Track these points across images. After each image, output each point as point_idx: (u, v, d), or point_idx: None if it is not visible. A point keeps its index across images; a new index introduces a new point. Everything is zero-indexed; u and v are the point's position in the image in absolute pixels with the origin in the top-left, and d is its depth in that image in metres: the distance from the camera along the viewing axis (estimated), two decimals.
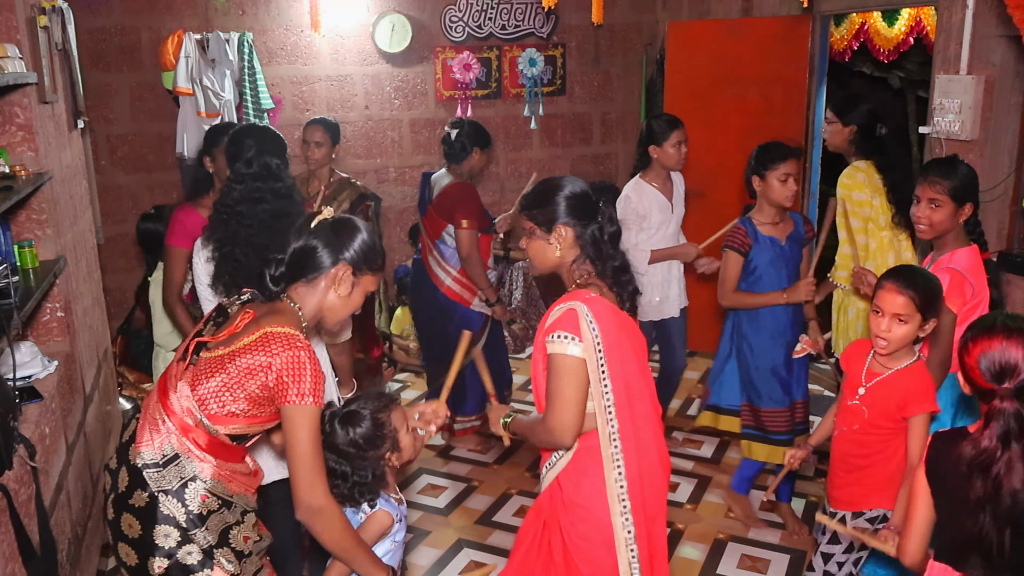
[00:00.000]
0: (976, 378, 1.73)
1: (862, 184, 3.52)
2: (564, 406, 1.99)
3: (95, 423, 3.49)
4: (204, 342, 1.90)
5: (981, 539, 1.72)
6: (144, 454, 1.84)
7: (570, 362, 1.97)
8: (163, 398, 1.87)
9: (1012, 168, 3.71)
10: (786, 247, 3.28)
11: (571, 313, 1.98)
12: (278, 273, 1.94)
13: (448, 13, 5.78)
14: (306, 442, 1.81)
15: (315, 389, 1.80)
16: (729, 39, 5.08)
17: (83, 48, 4.80)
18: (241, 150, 2.58)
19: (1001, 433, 1.68)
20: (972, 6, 3.65)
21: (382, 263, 2.05)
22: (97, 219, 4.76)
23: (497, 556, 3.34)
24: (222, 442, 1.87)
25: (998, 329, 1.73)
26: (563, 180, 2.11)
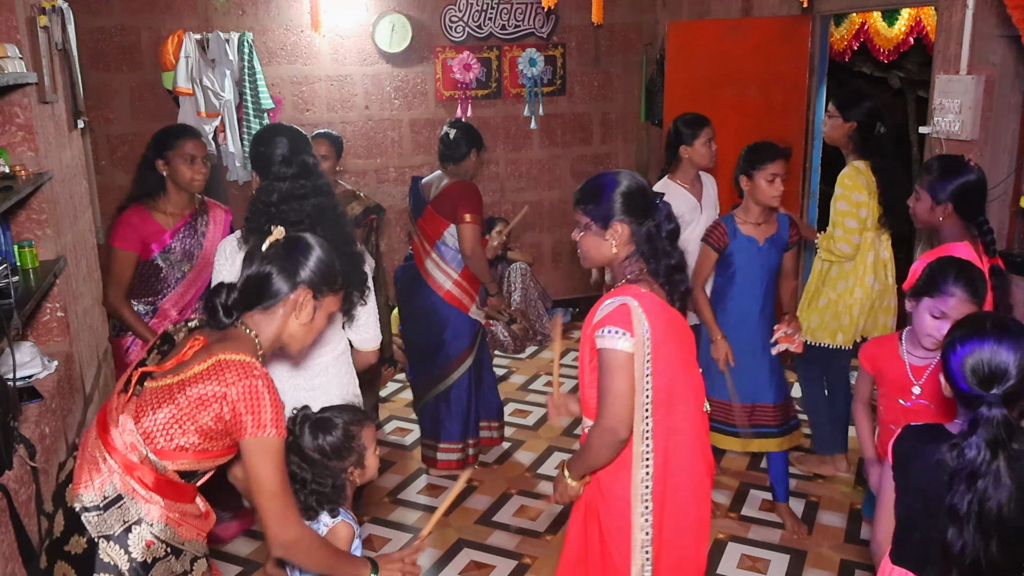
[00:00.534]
0: (960, 381, 1.65)
1: (862, 186, 3.54)
2: (618, 401, 1.97)
3: None
4: (149, 372, 1.75)
5: (963, 551, 1.62)
6: (83, 496, 1.69)
7: (621, 357, 1.95)
8: (103, 434, 1.72)
9: (1012, 168, 3.71)
10: (763, 248, 3.29)
11: (623, 308, 1.96)
12: (231, 302, 1.81)
13: (448, 13, 5.78)
14: (272, 477, 1.70)
15: (275, 419, 1.69)
16: (729, 39, 5.08)
17: (83, 48, 4.80)
18: (273, 149, 2.52)
19: (989, 442, 1.59)
20: (972, 6, 3.65)
21: (342, 281, 1.94)
22: (97, 219, 4.76)
23: (497, 556, 3.34)
24: (170, 480, 1.73)
25: (988, 330, 1.64)
26: (620, 175, 2.06)
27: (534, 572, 3.25)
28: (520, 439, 4.39)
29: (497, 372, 5.30)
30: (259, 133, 2.66)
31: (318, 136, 3.93)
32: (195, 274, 3.18)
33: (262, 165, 2.54)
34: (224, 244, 2.57)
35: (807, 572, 3.22)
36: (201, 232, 3.20)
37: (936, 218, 2.73)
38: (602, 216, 2.02)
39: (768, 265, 3.31)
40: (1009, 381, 1.60)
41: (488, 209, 6.16)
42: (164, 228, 3.10)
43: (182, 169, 3.05)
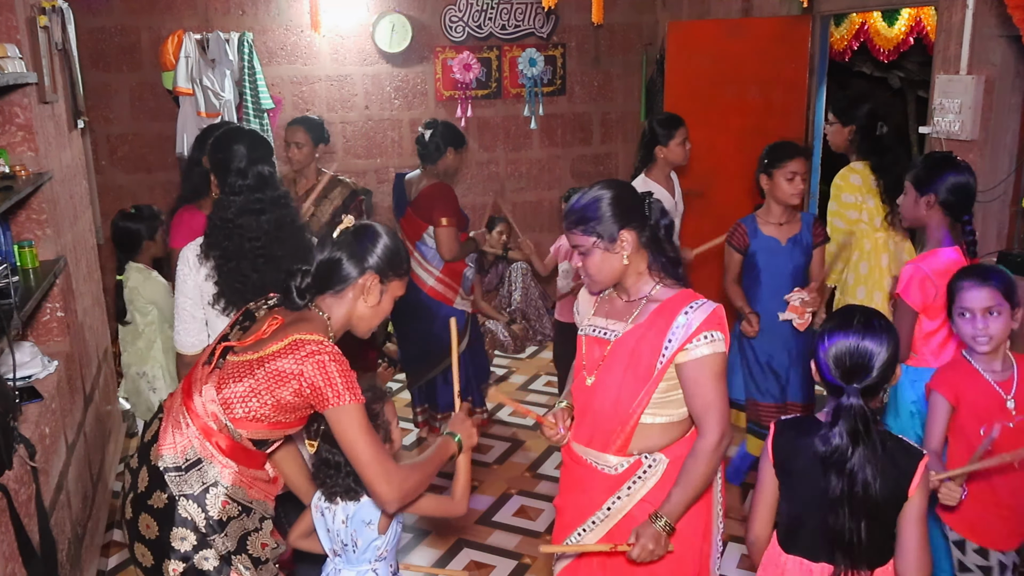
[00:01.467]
0: (826, 372, 1.77)
1: (854, 186, 3.56)
2: (727, 407, 1.94)
3: (95, 423, 3.49)
4: (230, 346, 1.88)
5: (841, 533, 1.75)
6: (166, 457, 1.84)
7: (724, 361, 1.93)
8: (187, 400, 1.87)
9: (1012, 168, 3.70)
10: (785, 248, 3.27)
11: (719, 310, 1.92)
12: (304, 285, 1.93)
13: (448, 13, 5.78)
14: (361, 440, 1.81)
15: (349, 386, 1.79)
16: (729, 39, 5.08)
17: (83, 48, 4.80)
18: (231, 158, 2.47)
19: (850, 431, 1.72)
20: (972, 6, 3.65)
21: (408, 266, 2.04)
22: (97, 219, 4.77)
23: (497, 556, 3.34)
24: (244, 447, 1.87)
25: (855, 325, 1.74)
26: (605, 187, 1.99)
27: (534, 572, 3.25)
28: (520, 439, 4.39)
29: (497, 372, 5.31)
30: (217, 137, 2.58)
31: (294, 123, 3.87)
32: None
33: (220, 173, 2.50)
34: (187, 252, 2.52)
35: None
36: None
37: (920, 211, 2.70)
38: (607, 230, 1.95)
39: (793, 264, 3.27)
40: (870, 376, 1.72)
41: (488, 209, 6.17)
42: None
43: None
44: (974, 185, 2.70)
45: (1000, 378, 2.26)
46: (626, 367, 1.98)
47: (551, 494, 3.82)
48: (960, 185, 2.67)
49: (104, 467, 3.63)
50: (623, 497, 2.03)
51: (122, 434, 4.38)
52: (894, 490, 1.76)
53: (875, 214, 3.59)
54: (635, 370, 1.96)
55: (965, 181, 2.67)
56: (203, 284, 2.49)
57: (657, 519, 1.92)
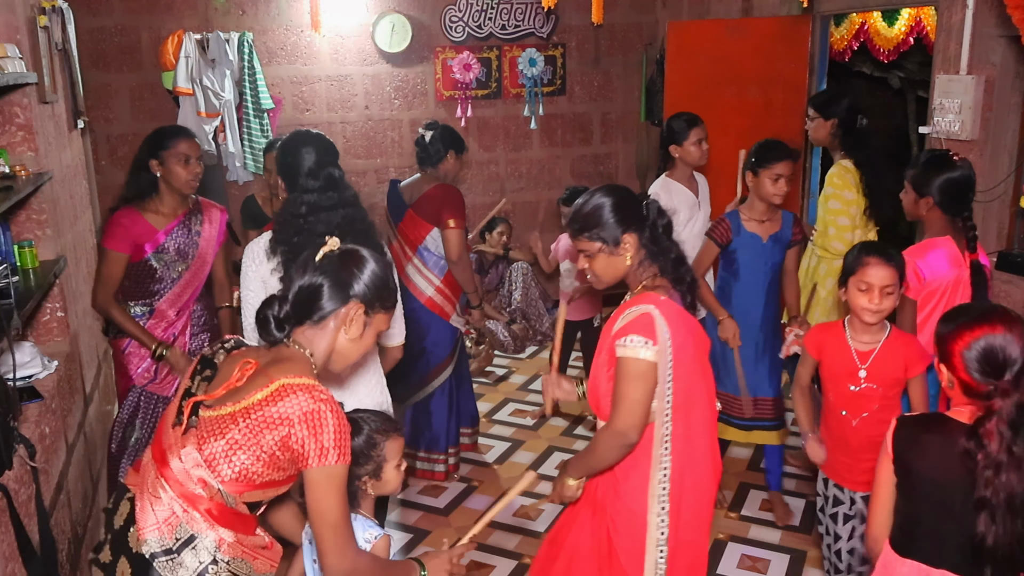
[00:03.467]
0: (969, 373, 1.66)
1: (851, 184, 3.60)
2: (633, 409, 2.00)
3: (95, 423, 3.49)
4: (200, 401, 1.68)
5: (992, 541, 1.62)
6: (151, 540, 1.62)
7: (643, 366, 1.98)
8: (163, 469, 1.64)
9: (1012, 168, 3.70)
10: (767, 246, 3.33)
11: (646, 317, 1.99)
12: (283, 315, 1.75)
13: (448, 13, 5.78)
14: (334, 506, 1.62)
15: (339, 444, 1.60)
16: (729, 39, 5.08)
17: (83, 48, 4.80)
18: (299, 161, 2.53)
19: (1008, 431, 1.60)
20: (972, 6, 3.65)
21: (395, 298, 1.88)
22: (97, 219, 4.76)
23: (497, 556, 3.34)
24: (238, 512, 1.67)
25: (994, 320, 1.66)
26: (605, 192, 2.10)
27: None
28: (520, 439, 4.39)
29: (497, 372, 5.31)
30: (286, 141, 2.65)
31: (268, 150, 3.89)
32: (191, 274, 3.17)
33: (289, 175, 2.55)
34: (252, 247, 2.58)
35: (807, 572, 3.22)
36: (196, 231, 3.17)
37: (920, 211, 2.79)
38: (611, 235, 2.06)
39: (772, 262, 3.35)
40: (1016, 366, 1.63)
41: (488, 209, 6.16)
42: (156, 228, 3.08)
43: (176, 169, 3.03)
44: (972, 179, 2.76)
45: (864, 348, 2.51)
46: (599, 354, 2.14)
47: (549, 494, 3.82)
48: (956, 184, 2.72)
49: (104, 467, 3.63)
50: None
51: None
52: None
53: (856, 211, 3.66)
54: (600, 356, 2.13)
55: (960, 178, 2.73)
56: (268, 278, 2.52)
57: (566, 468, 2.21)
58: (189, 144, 3.07)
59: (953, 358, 1.70)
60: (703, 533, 2.19)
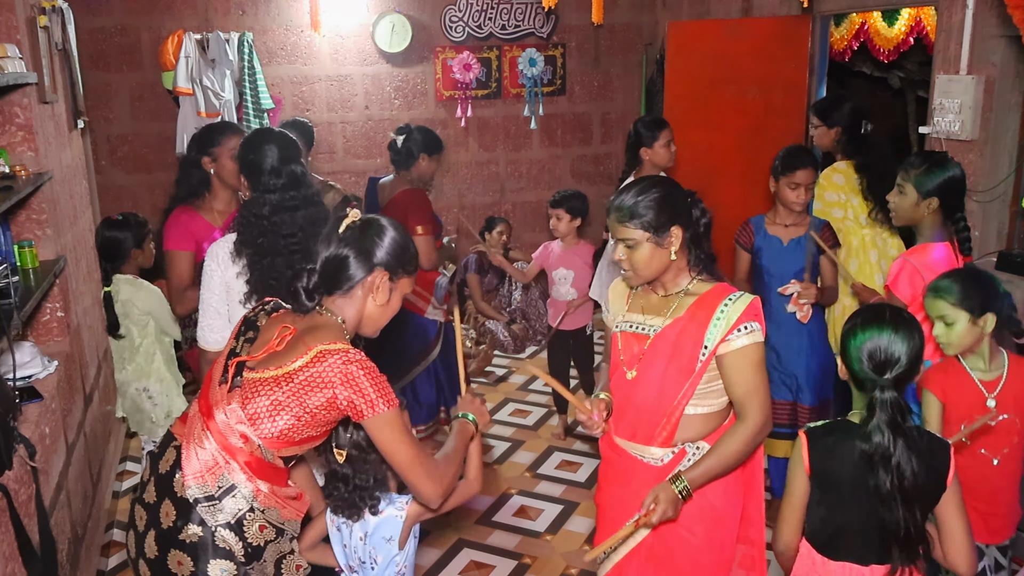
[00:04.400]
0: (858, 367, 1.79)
1: (836, 185, 3.62)
2: (767, 394, 2.00)
3: (95, 423, 3.49)
4: (243, 362, 1.80)
5: (896, 528, 1.76)
6: (194, 487, 1.74)
7: (762, 349, 1.99)
8: (208, 421, 1.77)
9: (1012, 168, 3.70)
10: (787, 248, 3.30)
11: (756, 302, 2.00)
12: (312, 286, 1.85)
13: (448, 13, 5.79)
14: (403, 447, 1.76)
15: (381, 394, 1.74)
16: (729, 39, 5.07)
17: (83, 48, 4.80)
18: (263, 158, 2.48)
19: (889, 422, 1.74)
20: (972, 6, 3.65)
21: (417, 262, 1.97)
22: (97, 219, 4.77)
23: (497, 556, 3.34)
24: (273, 465, 1.80)
25: (884, 318, 1.79)
26: (655, 183, 2.04)
27: (534, 572, 3.25)
28: (520, 439, 4.39)
29: (497, 372, 5.31)
30: (248, 139, 2.60)
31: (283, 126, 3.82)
32: None
33: (251, 173, 2.51)
34: (215, 249, 2.51)
35: None
36: None
37: (921, 213, 2.73)
38: (659, 225, 1.99)
39: (795, 266, 3.29)
40: (900, 366, 1.76)
41: (488, 209, 6.18)
42: (213, 226, 2.98)
43: (229, 165, 2.94)
44: (966, 181, 2.79)
45: (986, 377, 2.32)
46: (668, 360, 2.03)
47: (551, 494, 3.82)
48: (958, 184, 2.74)
49: (104, 467, 3.63)
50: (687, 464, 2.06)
51: (122, 434, 4.37)
52: (934, 480, 1.78)
53: (859, 211, 3.65)
54: (678, 363, 2.01)
55: (962, 179, 2.75)
56: (232, 282, 2.48)
57: (677, 481, 1.94)
58: (240, 139, 2.97)
59: (847, 352, 1.83)
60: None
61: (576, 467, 4.06)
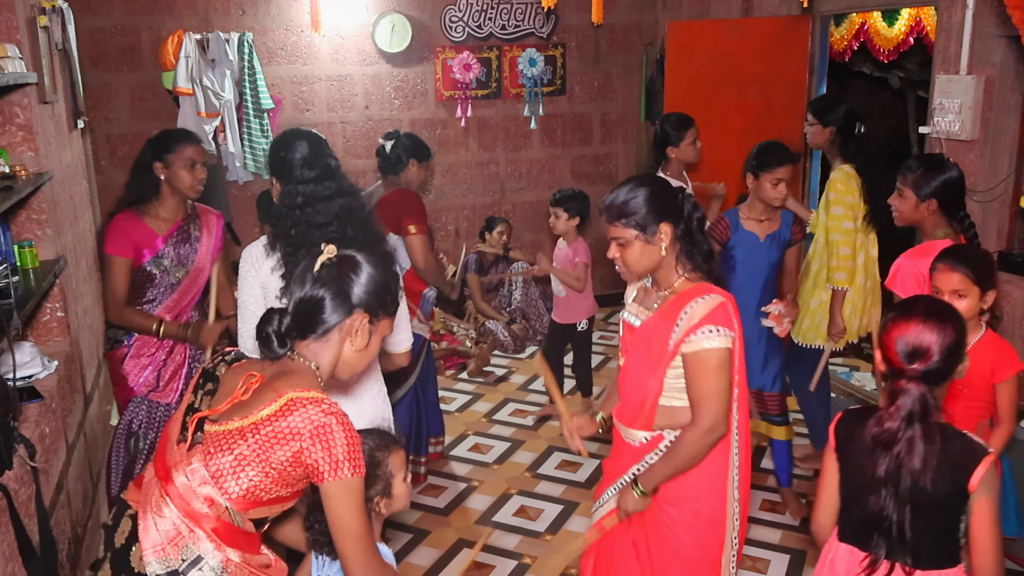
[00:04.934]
0: (891, 357, 1.78)
1: (854, 189, 3.61)
2: (722, 400, 2.00)
3: (95, 423, 3.49)
4: (205, 416, 1.65)
5: (882, 518, 1.77)
6: (154, 563, 1.57)
7: (724, 355, 1.99)
8: (166, 486, 1.61)
9: (1012, 168, 3.71)
10: (763, 244, 3.35)
11: (722, 307, 2.00)
12: (284, 329, 1.70)
13: (448, 13, 5.79)
14: (355, 519, 1.60)
15: (351, 457, 1.58)
16: (729, 39, 5.08)
17: (83, 48, 4.80)
18: (294, 153, 2.46)
19: (905, 413, 1.73)
20: (972, 6, 3.65)
21: (397, 302, 1.84)
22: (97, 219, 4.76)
23: (497, 556, 3.34)
24: (244, 531, 1.64)
25: (917, 311, 1.78)
26: (643, 181, 2.09)
27: (534, 572, 3.25)
28: (520, 439, 4.39)
29: (497, 372, 5.31)
30: (278, 139, 2.58)
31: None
32: (190, 280, 3.11)
33: (283, 170, 2.47)
34: (249, 250, 2.48)
35: (807, 572, 3.22)
36: (195, 237, 3.12)
37: (921, 215, 2.78)
38: (647, 223, 2.03)
39: (768, 261, 3.38)
40: (931, 359, 1.73)
41: (488, 209, 6.18)
42: (156, 233, 3.02)
43: (182, 174, 2.98)
44: (964, 179, 2.81)
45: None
46: (643, 353, 2.11)
47: (551, 494, 3.83)
48: (956, 185, 2.77)
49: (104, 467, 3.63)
50: (643, 467, 2.14)
51: None
52: (950, 485, 1.74)
53: (860, 216, 3.65)
54: (648, 357, 2.09)
55: (958, 179, 2.77)
56: (267, 279, 2.42)
57: (635, 486, 2.11)
58: (196, 149, 3.02)
59: (885, 343, 1.82)
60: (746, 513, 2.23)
61: (576, 467, 4.07)
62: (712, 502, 2.11)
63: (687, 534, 2.11)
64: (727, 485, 2.11)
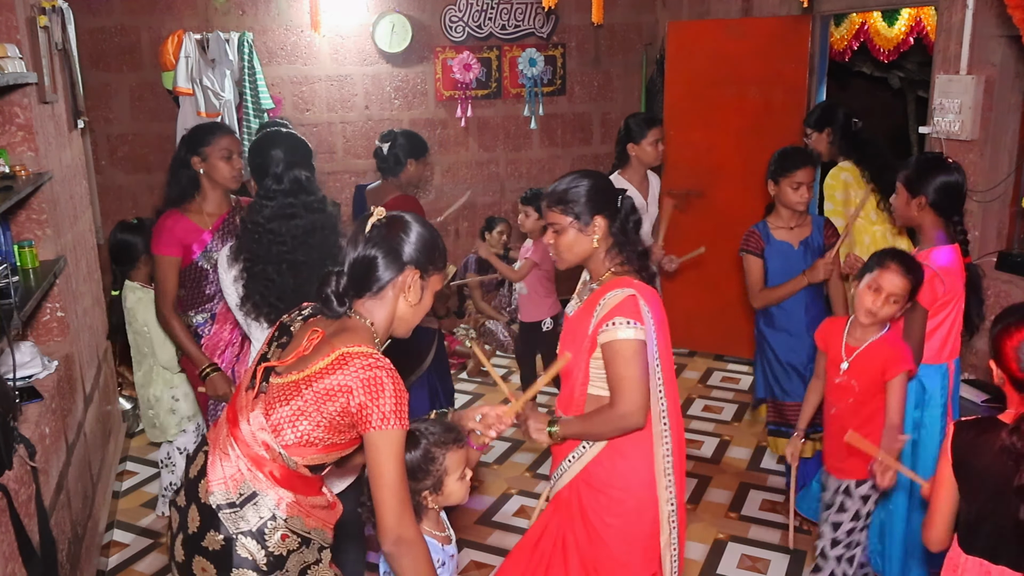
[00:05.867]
0: (1015, 367, 1.76)
1: (846, 184, 3.66)
2: (636, 388, 2.06)
3: (95, 423, 3.49)
4: (272, 367, 1.76)
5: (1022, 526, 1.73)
6: (217, 493, 1.72)
7: (635, 345, 2.05)
8: (233, 429, 1.75)
9: (1012, 168, 3.71)
10: (799, 252, 3.30)
11: (631, 299, 2.08)
12: (342, 289, 1.78)
13: (448, 13, 5.79)
14: (392, 470, 1.67)
15: (398, 410, 1.66)
16: (729, 39, 5.08)
17: (83, 48, 4.80)
18: (268, 163, 2.49)
19: None
20: (972, 6, 3.65)
21: (446, 257, 1.92)
22: (97, 219, 4.77)
23: (497, 556, 3.34)
24: (300, 474, 1.75)
25: None
26: (588, 175, 2.19)
27: None
28: (520, 439, 4.39)
29: (497, 372, 5.30)
30: (257, 140, 2.61)
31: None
32: None
33: (258, 175, 2.54)
34: (221, 254, 2.58)
35: (807, 572, 3.22)
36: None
37: (912, 212, 2.77)
38: (583, 213, 2.14)
39: (806, 267, 3.27)
40: None
41: (488, 209, 6.18)
42: (202, 228, 2.97)
43: (220, 165, 2.94)
44: (964, 185, 2.77)
45: (853, 343, 2.59)
46: (571, 342, 2.21)
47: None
48: (949, 186, 2.72)
49: (104, 467, 3.63)
50: (572, 461, 2.23)
51: (122, 434, 4.38)
52: None
53: (870, 208, 3.66)
54: (575, 346, 2.19)
55: (954, 182, 2.73)
56: (229, 286, 2.51)
57: (551, 424, 2.22)
58: (231, 140, 3.00)
59: (1003, 353, 1.79)
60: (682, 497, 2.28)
61: None
62: (638, 491, 2.16)
63: (614, 517, 2.17)
64: (655, 472, 2.17)
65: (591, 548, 2.20)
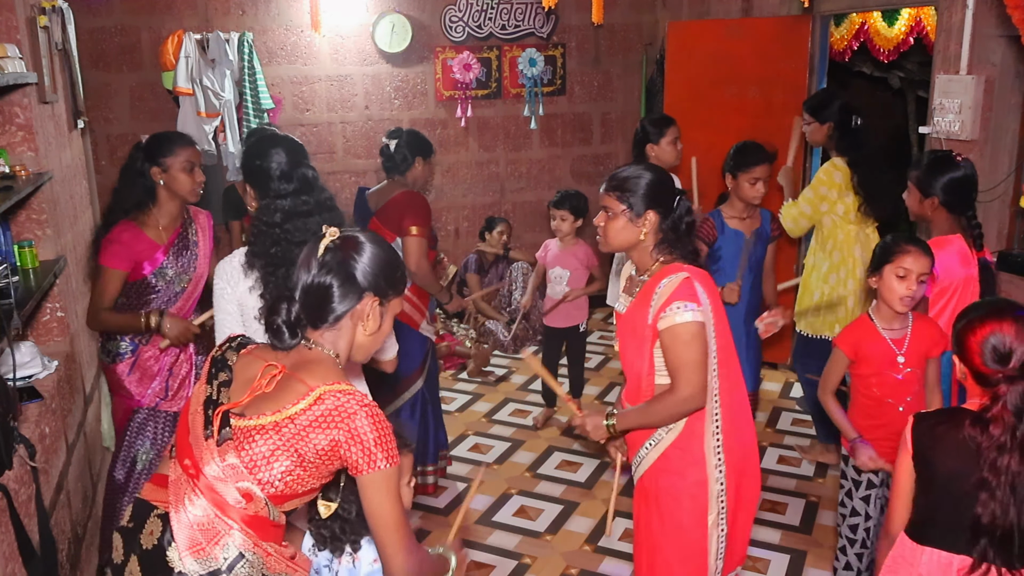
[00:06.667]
0: (978, 361, 1.77)
1: (834, 183, 3.79)
2: (697, 370, 2.10)
3: (95, 423, 3.49)
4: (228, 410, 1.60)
5: (989, 520, 1.73)
6: (193, 563, 1.54)
7: (696, 328, 2.10)
8: (196, 480, 1.57)
9: (1012, 168, 3.71)
10: (750, 242, 3.42)
11: (687, 282, 2.12)
12: (293, 319, 1.66)
13: (448, 13, 5.79)
14: (392, 509, 1.61)
15: (385, 449, 1.57)
16: (729, 39, 5.08)
17: (83, 48, 4.80)
18: (268, 164, 2.36)
19: (1014, 411, 1.71)
20: (972, 6, 3.65)
21: (405, 278, 1.80)
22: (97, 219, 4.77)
23: (497, 556, 3.34)
24: (274, 523, 1.62)
25: (1007, 312, 1.77)
26: (653, 169, 2.23)
27: (534, 572, 3.25)
28: (520, 439, 4.39)
29: (497, 372, 5.31)
30: (252, 145, 2.47)
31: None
32: (192, 287, 3.00)
33: (259, 180, 2.38)
34: (224, 266, 2.38)
35: (807, 572, 3.22)
36: (193, 242, 3.02)
37: (925, 211, 2.82)
38: (637, 203, 2.16)
39: (754, 258, 3.44)
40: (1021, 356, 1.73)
41: (488, 209, 6.18)
42: (157, 244, 2.88)
43: (181, 177, 2.85)
44: (974, 178, 2.80)
45: (896, 335, 2.56)
46: (630, 337, 2.25)
47: (551, 494, 3.82)
48: (959, 184, 2.77)
49: (104, 467, 3.63)
50: (650, 448, 2.25)
51: None
52: None
53: (851, 208, 3.73)
54: (636, 339, 2.22)
55: (964, 178, 2.77)
56: (245, 297, 2.33)
57: (609, 417, 2.26)
58: (193, 151, 2.91)
59: (967, 348, 1.81)
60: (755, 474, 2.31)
61: (576, 467, 4.07)
62: (691, 472, 2.19)
63: (673, 500, 2.22)
64: (704, 452, 2.19)
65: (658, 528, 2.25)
